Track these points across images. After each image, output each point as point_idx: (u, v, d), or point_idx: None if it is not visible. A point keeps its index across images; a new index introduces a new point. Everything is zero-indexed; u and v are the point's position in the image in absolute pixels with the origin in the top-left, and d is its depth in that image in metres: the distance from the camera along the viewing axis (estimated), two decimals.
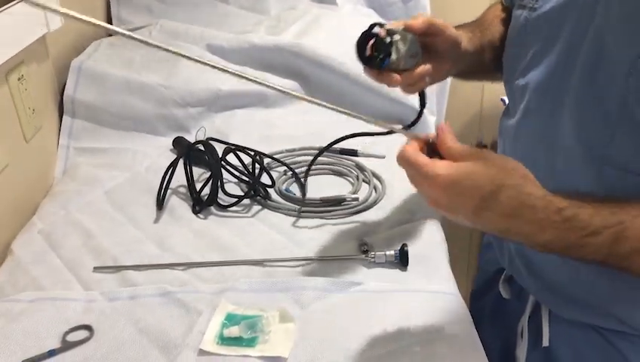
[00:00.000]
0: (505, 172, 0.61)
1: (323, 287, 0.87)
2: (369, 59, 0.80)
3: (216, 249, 0.97)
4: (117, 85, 1.30)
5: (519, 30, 0.83)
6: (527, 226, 0.61)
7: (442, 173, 0.61)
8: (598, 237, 0.61)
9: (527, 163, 0.80)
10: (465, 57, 0.88)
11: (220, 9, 1.57)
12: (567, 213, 0.61)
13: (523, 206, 0.60)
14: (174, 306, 0.85)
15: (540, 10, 0.79)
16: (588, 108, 0.71)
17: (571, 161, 0.74)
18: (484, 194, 0.60)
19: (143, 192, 1.14)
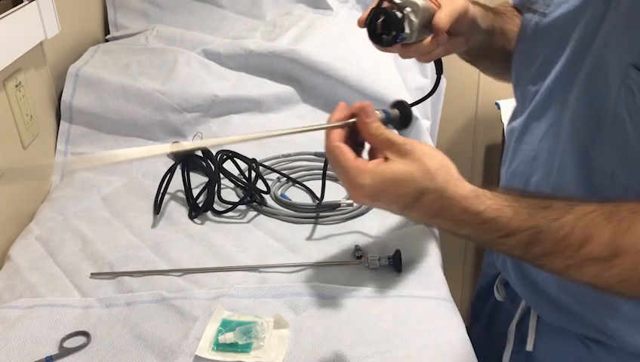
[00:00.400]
0: (429, 175, 0.63)
1: (317, 293, 0.88)
2: (380, 36, 0.78)
3: (213, 255, 0.98)
4: (114, 91, 1.31)
5: (530, 36, 0.83)
6: (449, 223, 0.65)
7: (367, 184, 0.63)
8: (512, 239, 0.64)
9: (526, 166, 0.82)
10: (478, 33, 0.87)
11: (215, 14, 1.58)
12: (485, 216, 0.63)
13: (444, 209, 0.64)
14: (170, 312, 0.86)
15: (551, 16, 0.79)
16: (583, 115, 0.72)
17: (566, 166, 0.75)
18: (407, 201, 0.64)
19: (140, 198, 1.15)
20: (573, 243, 0.62)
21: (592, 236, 0.62)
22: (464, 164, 1.87)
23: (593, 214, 0.62)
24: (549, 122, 0.78)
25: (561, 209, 0.63)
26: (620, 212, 0.62)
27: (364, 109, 0.66)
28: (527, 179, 0.82)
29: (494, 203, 0.63)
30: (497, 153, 1.90)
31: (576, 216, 0.62)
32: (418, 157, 0.63)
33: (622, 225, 0.61)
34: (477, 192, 0.64)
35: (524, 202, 0.64)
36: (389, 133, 0.65)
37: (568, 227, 0.62)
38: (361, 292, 0.89)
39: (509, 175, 0.87)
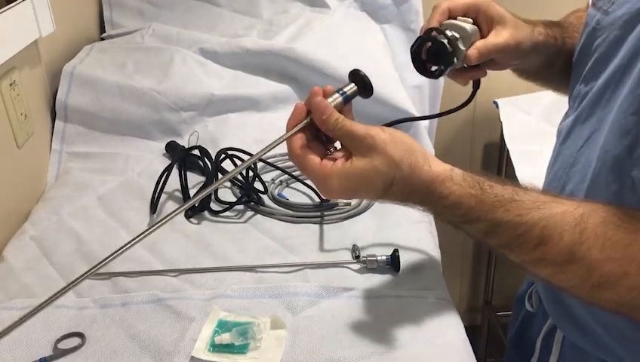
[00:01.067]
0: (393, 165, 0.64)
1: (315, 293, 0.87)
2: (424, 63, 0.78)
3: (209, 254, 0.98)
4: (109, 90, 1.30)
5: (590, 33, 0.80)
6: (418, 205, 0.68)
7: (336, 186, 0.65)
8: (472, 226, 0.65)
9: (564, 172, 0.77)
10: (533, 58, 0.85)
11: (212, 12, 1.57)
12: (446, 202, 0.65)
13: (411, 193, 0.66)
14: (166, 313, 0.85)
15: (612, 15, 0.75)
16: (623, 125, 0.66)
17: (599, 178, 0.70)
18: (378, 193, 0.66)
19: (136, 197, 1.14)
20: (529, 241, 0.62)
21: (550, 238, 0.61)
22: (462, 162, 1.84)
23: (559, 217, 0.61)
24: (591, 128, 0.74)
25: (529, 205, 0.63)
26: (590, 220, 0.61)
27: (316, 107, 0.67)
28: (563, 186, 0.77)
29: (458, 189, 0.65)
30: (496, 152, 1.89)
31: (540, 216, 0.62)
32: (381, 148, 0.64)
33: (585, 234, 0.60)
34: (444, 175, 0.65)
35: (491, 193, 0.64)
36: (349, 125, 0.66)
37: (528, 225, 0.62)
38: (358, 292, 0.88)
39: (550, 178, 0.83)
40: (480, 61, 0.79)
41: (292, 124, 0.69)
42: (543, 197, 0.64)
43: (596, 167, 0.70)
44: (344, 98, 0.70)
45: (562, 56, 0.87)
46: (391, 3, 1.59)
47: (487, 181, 0.66)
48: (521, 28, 0.81)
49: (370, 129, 0.66)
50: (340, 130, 0.67)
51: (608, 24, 0.75)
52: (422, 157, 0.66)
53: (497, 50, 0.79)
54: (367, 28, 1.53)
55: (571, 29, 0.89)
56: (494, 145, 1.87)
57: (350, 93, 0.71)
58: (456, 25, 0.78)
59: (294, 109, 0.69)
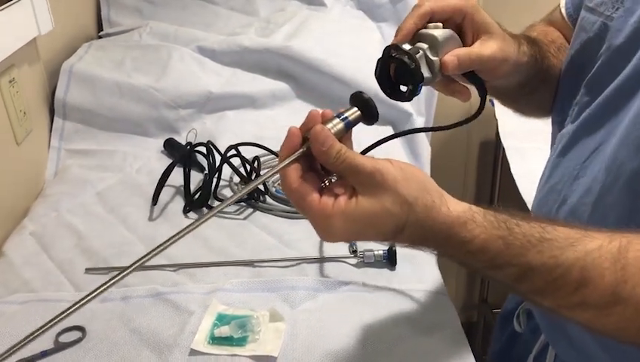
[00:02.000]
0: (406, 206, 0.56)
1: (312, 287, 0.88)
2: (396, 87, 0.68)
3: (208, 249, 0.98)
4: (108, 87, 1.31)
5: (589, 39, 0.74)
6: (435, 249, 0.60)
7: (338, 230, 0.56)
8: (500, 272, 0.58)
9: (566, 185, 0.73)
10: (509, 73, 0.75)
11: (209, 10, 1.58)
12: (471, 247, 0.57)
13: (427, 238, 0.58)
14: (166, 307, 0.86)
15: (621, 21, 0.69)
16: (639, 132, 0.62)
17: (609, 192, 0.66)
18: (386, 237, 0.58)
19: (134, 194, 1.15)
20: (568, 285, 0.56)
21: (590, 280, 0.55)
22: (458, 161, 1.88)
23: (596, 253, 0.55)
24: (599, 139, 0.69)
25: (561, 244, 0.56)
26: (629, 254, 0.54)
27: (316, 136, 0.57)
28: (564, 199, 0.73)
29: (483, 231, 0.57)
30: (491, 150, 1.90)
31: (576, 255, 0.55)
32: (392, 187, 0.56)
33: (627, 270, 0.54)
34: (465, 217, 0.57)
35: (519, 232, 0.57)
36: (353, 158, 0.57)
37: (565, 267, 0.55)
38: (356, 286, 0.89)
39: (546, 191, 0.78)
40: (460, 70, 0.69)
41: (285, 152, 0.58)
42: (574, 233, 0.57)
43: (606, 181, 0.65)
44: (346, 124, 0.60)
45: (538, 78, 0.80)
46: (387, 1, 1.60)
47: (511, 219, 0.58)
48: (509, 42, 0.72)
49: (378, 163, 0.57)
50: (342, 164, 0.57)
51: (615, 31, 0.69)
52: (438, 196, 0.58)
53: (481, 62, 0.69)
54: (364, 26, 1.54)
55: (545, 49, 0.82)
56: (490, 142, 1.89)
57: (353, 118, 0.61)
58: (424, 34, 0.68)
59: (288, 135, 0.59)
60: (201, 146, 1.17)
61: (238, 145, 1.15)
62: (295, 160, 0.58)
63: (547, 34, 0.86)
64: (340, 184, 0.59)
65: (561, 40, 0.86)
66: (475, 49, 0.69)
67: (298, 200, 0.58)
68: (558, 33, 0.87)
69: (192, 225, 0.58)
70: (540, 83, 0.81)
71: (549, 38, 0.85)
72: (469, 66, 0.69)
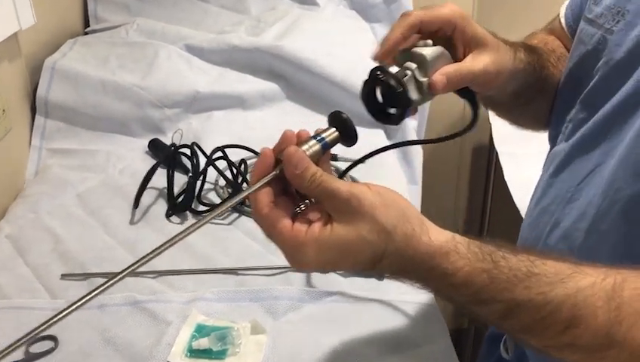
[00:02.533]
0: (384, 235, 0.53)
1: (297, 297, 0.85)
2: (384, 113, 0.64)
3: (189, 256, 0.95)
4: (91, 85, 1.27)
5: (587, 53, 0.71)
6: (415, 281, 0.56)
7: (311, 259, 0.53)
8: (485, 308, 0.54)
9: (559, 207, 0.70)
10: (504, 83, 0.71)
11: (199, 7, 1.54)
12: (453, 281, 0.53)
13: (406, 269, 0.55)
14: (143, 316, 0.82)
15: (621, 35, 0.66)
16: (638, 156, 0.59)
17: (605, 218, 0.63)
18: (364, 267, 0.55)
19: (116, 196, 1.11)
20: (557, 324, 0.52)
21: (581, 319, 0.51)
22: (450, 166, 1.85)
23: (589, 291, 0.52)
24: (595, 161, 0.66)
25: (551, 279, 0.52)
26: (624, 293, 0.51)
27: (289, 159, 0.53)
28: (556, 223, 0.70)
29: (467, 263, 0.53)
30: (485, 155, 1.88)
31: (566, 292, 0.52)
32: (369, 214, 0.53)
33: (622, 310, 0.51)
34: (447, 248, 0.54)
35: (506, 266, 0.53)
36: (329, 183, 0.53)
37: (554, 304, 0.52)
38: (342, 296, 0.86)
39: (537, 213, 0.74)
40: (450, 89, 0.65)
41: (257, 174, 0.55)
42: (565, 268, 0.54)
43: (602, 206, 0.62)
44: (322, 146, 0.56)
45: (535, 88, 0.76)
46: (381, 2, 1.57)
47: (497, 251, 0.54)
48: (503, 52, 0.68)
49: (355, 187, 0.54)
50: (317, 189, 0.54)
51: (614, 45, 0.66)
52: (418, 224, 0.54)
53: (473, 78, 0.65)
54: (357, 26, 1.51)
55: (544, 58, 0.78)
56: (484, 147, 1.86)
57: (330, 140, 0.57)
58: (412, 53, 0.64)
59: (260, 156, 0.56)
60: (186, 148, 1.13)
61: (225, 148, 1.12)
62: (267, 183, 0.55)
63: (547, 43, 0.82)
64: (315, 209, 0.55)
65: (561, 49, 0.82)
66: (465, 65, 0.65)
67: (268, 227, 0.55)
68: (558, 42, 0.84)
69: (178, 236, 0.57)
70: (536, 93, 0.77)
71: (549, 47, 0.81)
72: (460, 84, 0.65)
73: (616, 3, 0.68)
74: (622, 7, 0.67)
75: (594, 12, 0.71)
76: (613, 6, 0.68)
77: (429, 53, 0.63)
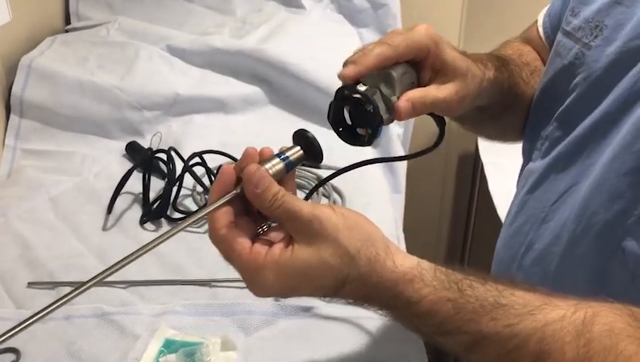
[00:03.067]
0: (347, 259, 0.51)
1: (270, 312, 0.82)
2: (354, 135, 0.61)
3: (162, 265, 0.92)
4: (68, 85, 1.24)
5: (564, 67, 0.69)
6: (379, 308, 0.54)
7: (270, 283, 0.51)
8: (449, 339, 0.52)
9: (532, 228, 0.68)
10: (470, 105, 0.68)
11: (183, 7, 1.51)
12: (417, 310, 0.51)
13: (370, 296, 0.53)
14: (110, 329, 0.80)
15: (598, 51, 0.64)
16: (616, 183, 0.57)
17: (580, 243, 0.60)
18: (325, 292, 0.53)
19: (90, 200, 1.08)
20: (524, 358, 0.50)
21: (549, 354, 0.49)
22: (436, 175, 1.83)
23: (557, 325, 0.49)
24: (569, 181, 0.64)
25: (519, 311, 0.50)
26: (594, 328, 0.49)
27: (249, 178, 0.51)
28: (530, 244, 0.68)
29: (431, 292, 0.51)
30: (470, 164, 1.86)
31: (534, 325, 0.50)
32: (332, 237, 0.51)
33: (592, 347, 0.48)
34: (412, 274, 0.52)
35: (472, 296, 0.51)
36: (290, 203, 0.51)
37: (521, 338, 0.50)
38: (317, 311, 0.83)
39: (511, 232, 0.73)
40: (414, 116, 0.62)
41: (217, 193, 0.53)
42: (534, 300, 0.52)
43: (576, 230, 0.60)
44: (286, 164, 0.55)
45: (502, 104, 0.74)
46: (369, 7, 1.54)
47: (465, 280, 0.52)
48: (471, 79, 0.65)
49: (317, 209, 0.52)
50: (278, 209, 0.51)
51: (591, 61, 0.64)
52: (383, 249, 0.52)
53: (436, 105, 0.63)
54: (343, 31, 1.48)
55: (516, 73, 0.76)
56: (469, 156, 1.84)
57: (294, 158, 0.56)
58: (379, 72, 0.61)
59: (220, 174, 0.54)
60: (163, 153, 1.10)
61: (203, 153, 1.09)
62: (227, 202, 0.52)
63: (522, 54, 0.80)
64: (277, 229, 0.53)
65: (536, 62, 0.80)
66: (430, 93, 0.62)
67: (226, 249, 0.52)
68: (534, 55, 0.81)
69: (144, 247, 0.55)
70: (503, 109, 0.75)
71: (523, 60, 0.79)
72: (423, 111, 0.62)
73: (595, 16, 0.66)
74: (600, 22, 0.65)
75: (572, 24, 0.69)
76: (592, 19, 0.66)
77: (395, 71, 0.61)
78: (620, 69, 0.61)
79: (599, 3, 0.66)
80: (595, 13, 0.66)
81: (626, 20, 0.62)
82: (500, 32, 0.89)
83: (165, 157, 1.09)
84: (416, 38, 0.61)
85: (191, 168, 1.06)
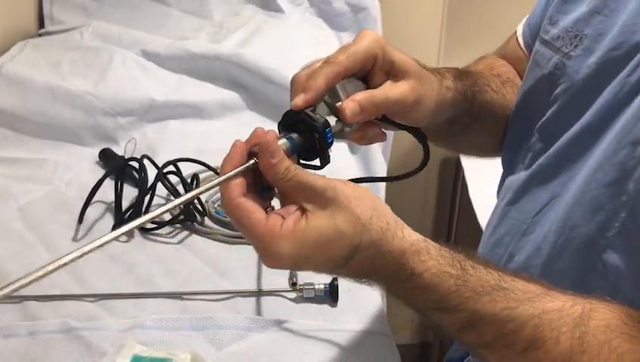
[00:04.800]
0: (360, 226, 0.51)
1: (242, 326, 0.80)
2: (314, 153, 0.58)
3: (133, 278, 0.90)
4: (40, 91, 1.21)
5: (544, 77, 0.68)
6: (381, 282, 0.55)
7: (286, 253, 0.50)
8: (446, 316, 0.53)
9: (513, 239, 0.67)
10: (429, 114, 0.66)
11: (160, 11, 1.49)
12: (419, 281, 0.52)
13: (377, 266, 0.53)
14: (77, 345, 0.77)
15: (578, 61, 0.63)
16: (596, 195, 0.57)
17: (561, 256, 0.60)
18: (337, 263, 0.53)
19: (61, 210, 1.05)
20: (518, 343, 0.51)
21: (543, 342, 0.50)
22: (417, 179, 1.80)
23: (555, 314, 0.50)
24: (551, 193, 0.64)
25: (518, 296, 0.51)
26: (590, 322, 0.50)
27: (266, 147, 0.52)
28: (511, 256, 0.68)
29: (435, 266, 0.52)
30: (452, 168, 1.85)
31: (531, 311, 0.50)
32: (344, 205, 0.51)
33: (586, 340, 0.49)
34: (419, 246, 0.53)
35: (474, 275, 0.52)
36: (303, 174, 0.52)
37: (517, 322, 0.50)
38: (291, 325, 0.81)
39: (491, 243, 0.73)
40: (363, 117, 0.59)
41: (230, 165, 0.53)
42: (535, 288, 0.53)
43: (557, 242, 0.60)
44: (291, 144, 0.56)
45: (469, 115, 0.72)
46: (348, 10, 1.53)
47: (467, 260, 0.53)
48: (427, 81, 0.63)
49: (329, 179, 0.52)
50: (291, 181, 0.52)
51: (572, 72, 0.64)
52: (393, 220, 0.53)
53: (389, 105, 0.60)
54: (322, 35, 1.47)
55: (483, 82, 0.74)
56: (451, 160, 1.83)
57: (299, 142, 0.56)
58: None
59: (232, 148, 0.54)
60: (136, 161, 1.08)
61: (177, 161, 1.06)
62: (239, 174, 0.52)
63: (493, 68, 0.79)
64: (283, 212, 0.53)
65: (508, 74, 0.79)
66: (380, 92, 0.60)
67: (241, 218, 0.52)
68: (507, 68, 0.80)
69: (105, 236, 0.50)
70: (472, 120, 0.73)
71: (493, 72, 0.77)
72: (375, 112, 0.60)
73: (574, 26, 0.65)
74: (580, 31, 0.64)
75: (550, 33, 0.68)
76: (571, 29, 0.65)
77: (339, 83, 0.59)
78: (601, 79, 0.60)
79: (578, 12, 0.65)
80: (575, 22, 0.65)
81: (606, 30, 0.61)
82: (481, 34, 0.88)
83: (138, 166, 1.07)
84: (360, 48, 0.60)
85: (164, 176, 1.04)
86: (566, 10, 0.67)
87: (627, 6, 0.60)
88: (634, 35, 0.58)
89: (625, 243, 0.54)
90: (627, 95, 0.57)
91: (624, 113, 0.57)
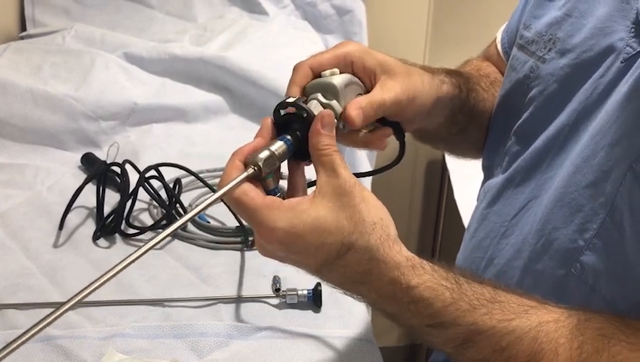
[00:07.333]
0: (361, 228, 0.51)
1: (224, 333, 0.79)
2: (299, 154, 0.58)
3: (113, 284, 0.88)
4: (20, 94, 1.20)
5: (519, 81, 0.68)
6: (372, 294, 0.54)
7: (281, 226, 0.50)
8: (444, 332, 0.52)
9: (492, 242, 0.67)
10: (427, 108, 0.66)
11: (143, 14, 1.48)
12: (415, 294, 0.52)
13: (370, 274, 0.52)
14: (55, 355, 0.76)
15: (552, 64, 0.64)
16: (570, 199, 0.57)
17: (540, 259, 0.60)
18: (328, 256, 0.52)
19: (41, 215, 1.04)
20: (517, 356, 0.51)
21: (543, 354, 0.50)
22: (404, 182, 1.81)
23: (552, 326, 0.51)
24: (528, 195, 0.64)
25: (514, 309, 0.51)
26: (587, 331, 0.50)
27: (324, 118, 0.54)
28: (491, 259, 0.67)
29: (431, 279, 0.52)
30: (438, 170, 1.85)
31: (529, 324, 0.51)
32: (354, 202, 0.52)
33: (584, 350, 0.49)
34: (414, 261, 0.53)
35: (469, 289, 0.52)
36: (338, 158, 0.53)
37: (516, 335, 0.51)
38: (274, 331, 0.81)
39: (471, 247, 0.72)
40: (367, 122, 0.61)
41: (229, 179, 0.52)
42: (529, 301, 0.53)
43: (537, 244, 0.59)
44: (288, 146, 0.55)
45: (465, 112, 0.72)
46: (334, 13, 1.53)
47: (462, 276, 0.54)
48: (415, 76, 0.63)
49: (357, 180, 0.53)
50: (328, 156, 0.53)
51: (546, 74, 0.64)
52: (394, 235, 0.54)
53: (386, 108, 0.61)
54: (307, 38, 1.46)
55: (473, 81, 0.74)
56: (437, 162, 1.83)
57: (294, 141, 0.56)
58: (319, 83, 0.60)
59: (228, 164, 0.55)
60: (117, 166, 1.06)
61: (158, 166, 1.05)
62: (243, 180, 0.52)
63: (480, 68, 0.79)
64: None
65: (495, 75, 0.79)
66: (376, 95, 0.61)
67: (240, 195, 0.52)
68: (493, 68, 0.80)
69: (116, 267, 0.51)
70: (468, 119, 0.74)
71: (481, 72, 0.78)
72: (374, 116, 0.61)
73: (548, 30, 0.65)
74: (553, 35, 0.64)
75: (524, 37, 0.69)
76: (545, 33, 0.66)
77: (340, 80, 0.60)
78: (574, 81, 0.61)
79: (550, 16, 0.65)
80: (548, 26, 0.66)
81: (577, 32, 0.62)
82: (466, 37, 0.88)
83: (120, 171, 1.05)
84: (338, 50, 0.62)
85: (146, 181, 1.02)
86: (539, 14, 0.68)
87: (596, 8, 0.61)
88: (606, 38, 0.59)
89: (603, 244, 0.54)
90: (600, 96, 0.57)
91: (599, 114, 0.57)
